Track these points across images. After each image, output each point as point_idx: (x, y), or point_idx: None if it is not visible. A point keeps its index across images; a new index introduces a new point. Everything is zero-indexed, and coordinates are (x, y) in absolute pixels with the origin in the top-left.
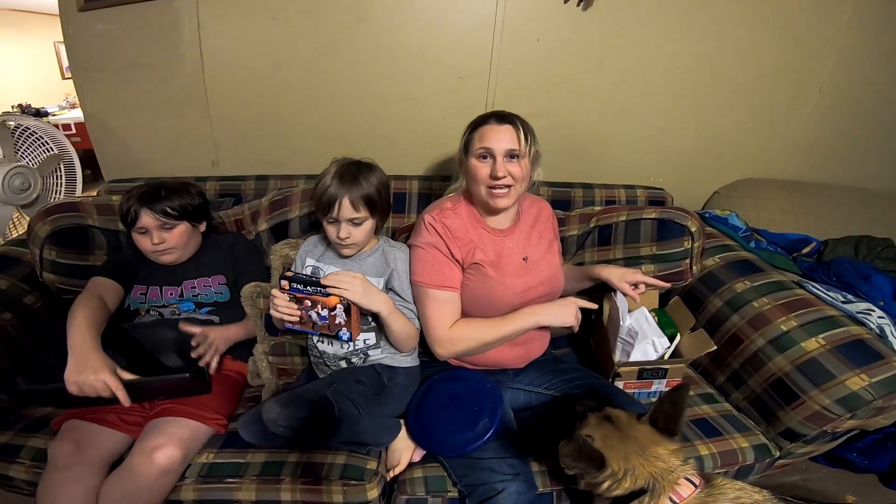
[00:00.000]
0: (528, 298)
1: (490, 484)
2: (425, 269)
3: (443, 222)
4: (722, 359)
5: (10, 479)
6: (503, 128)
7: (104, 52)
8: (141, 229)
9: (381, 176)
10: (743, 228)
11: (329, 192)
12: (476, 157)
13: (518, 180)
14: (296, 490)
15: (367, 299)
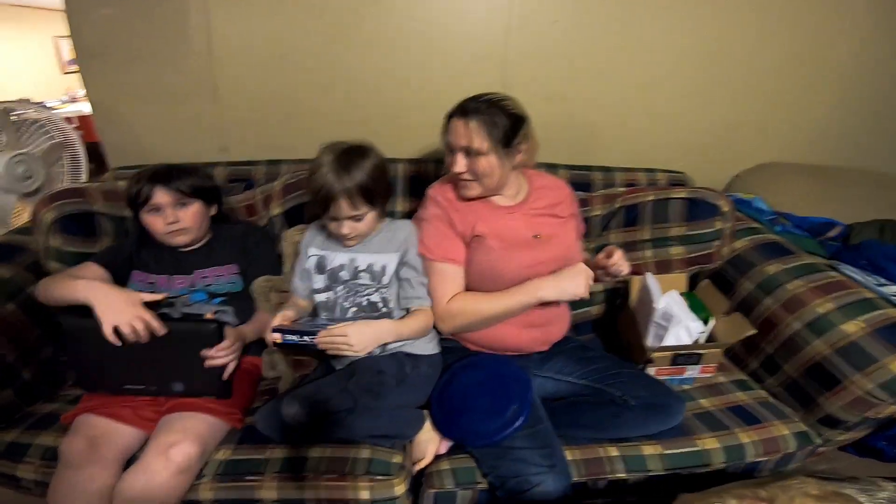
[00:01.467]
0: (535, 273)
1: (523, 476)
2: (430, 241)
3: (444, 195)
4: (755, 344)
5: (18, 480)
6: (460, 123)
7: (110, 37)
8: (154, 207)
9: (375, 160)
10: (768, 212)
11: (323, 191)
12: (446, 149)
13: (481, 175)
14: (320, 487)
15: (369, 346)
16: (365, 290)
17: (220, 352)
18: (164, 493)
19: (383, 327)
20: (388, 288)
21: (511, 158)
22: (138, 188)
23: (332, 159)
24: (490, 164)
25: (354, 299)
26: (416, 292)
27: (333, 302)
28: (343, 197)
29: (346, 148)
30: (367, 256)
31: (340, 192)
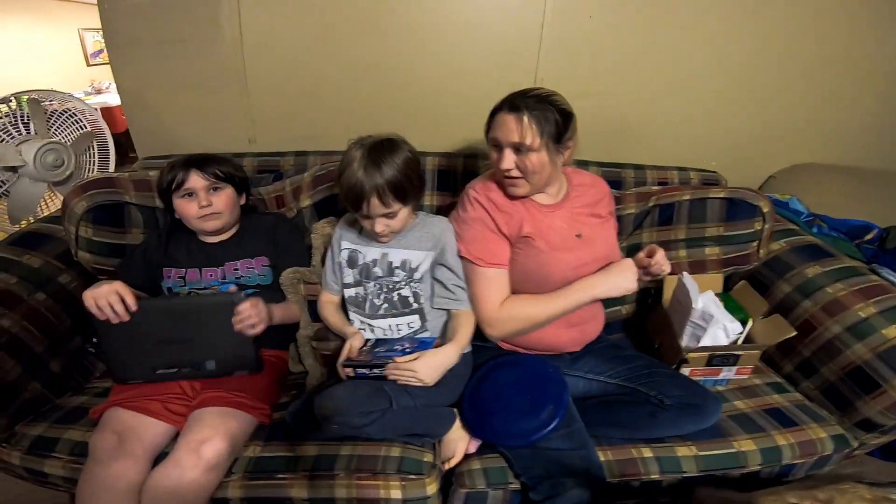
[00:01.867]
0: (581, 274)
1: (558, 478)
2: (473, 246)
3: (487, 195)
4: (791, 346)
5: (45, 476)
6: (510, 118)
7: (141, 26)
8: (188, 191)
9: (407, 155)
10: (805, 213)
11: (355, 189)
12: (491, 145)
13: (529, 173)
14: (351, 486)
15: (437, 376)
16: (397, 285)
17: (245, 313)
18: (193, 490)
19: (448, 354)
20: (420, 283)
21: (560, 155)
22: (173, 174)
23: (362, 155)
24: (541, 162)
25: (386, 295)
26: (451, 294)
27: (363, 297)
28: (374, 195)
29: (376, 143)
30: (401, 252)
31: (371, 189)
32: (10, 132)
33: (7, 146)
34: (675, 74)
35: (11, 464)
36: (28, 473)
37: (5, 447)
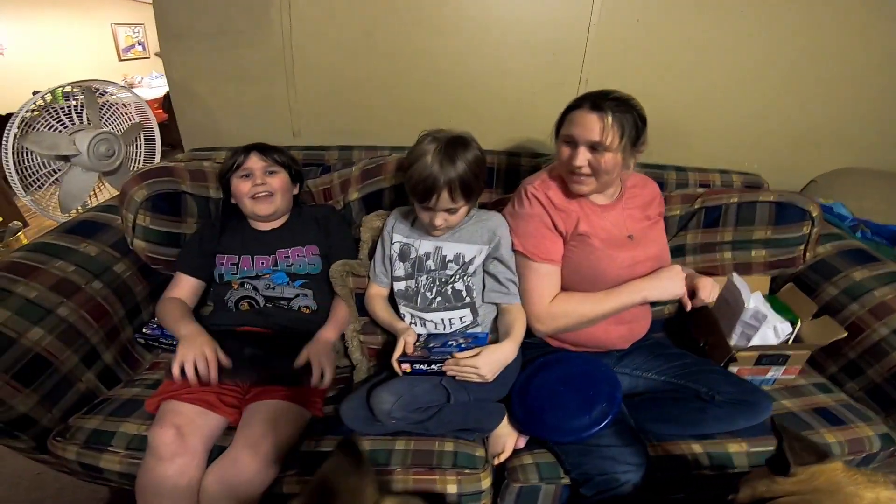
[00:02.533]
0: (635, 273)
1: (611, 474)
2: (528, 241)
3: (545, 193)
4: (836, 348)
5: (100, 471)
6: (592, 117)
7: (193, 17)
8: (246, 172)
9: (477, 153)
10: (849, 218)
11: (428, 182)
12: (563, 141)
13: (600, 172)
14: (408, 480)
15: (497, 371)
16: (450, 279)
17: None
18: (252, 485)
19: (507, 350)
20: (473, 277)
21: (633, 159)
22: (235, 157)
23: (438, 149)
24: (615, 162)
25: (439, 289)
26: (504, 289)
27: (415, 291)
28: (446, 189)
29: (451, 138)
30: (455, 245)
31: (444, 184)
32: (63, 121)
33: (61, 135)
34: (719, 78)
35: (66, 459)
36: (82, 469)
37: (60, 441)
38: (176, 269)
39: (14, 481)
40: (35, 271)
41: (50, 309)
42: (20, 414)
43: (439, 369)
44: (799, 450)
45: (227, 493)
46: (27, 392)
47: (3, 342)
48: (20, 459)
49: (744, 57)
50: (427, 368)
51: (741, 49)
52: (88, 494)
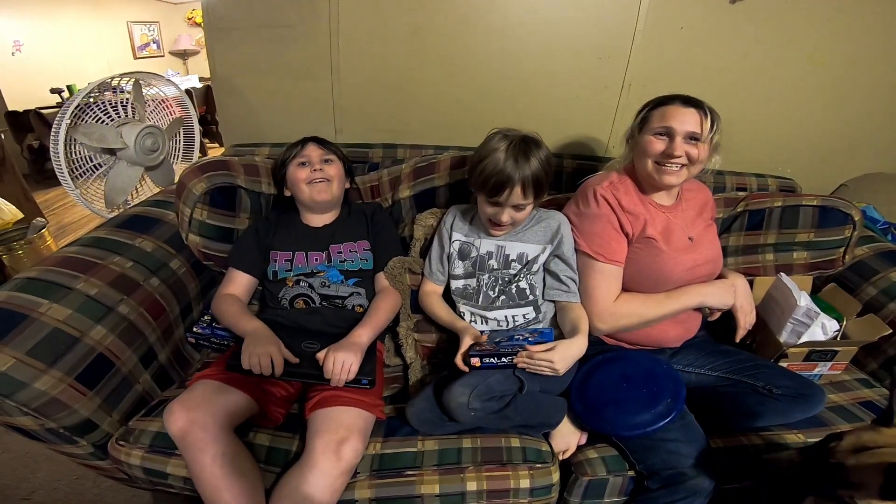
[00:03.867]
0: (696, 276)
1: (677, 468)
2: (594, 241)
3: (614, 195)
4: (876, 346)
5: (165, 477)
6: (689, 110)
7: (240, 10)
8: (304, 160)
9: (548, 153)
10: (881, 221)
11: (501, 176)
12: (652, 134)
13: (693, 162)
14: (481, 478)
15: (570, 365)
16: (514, 278)
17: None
18: (331, 491)
19: (580, 345)
20: (535, 276)
21: (713, 156)
22: (292, 149)
23: (510, 146)
24: (703, 153)
25: (502, 287)
26: (565, 287)
27: (476, 289)
28: (519, 185)
29: (523, 136)
30: (518, 245)
31: (518, 179)
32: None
33: (109, 128)
34: (759, 85)
35: (129, 464)
36: (145, 474)
37: (124, 445)
38: (229, 265)
39: (52, 486)
40: (94, 267)
41: (111, 306)
42: (83, 419)
43: (510, 362)
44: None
45: (307, 498)
46: (90, 395)
47: (67, 341)
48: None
49: (783, 65)
50: (497, 362)
51: (781, 57)
52: (129, 498)
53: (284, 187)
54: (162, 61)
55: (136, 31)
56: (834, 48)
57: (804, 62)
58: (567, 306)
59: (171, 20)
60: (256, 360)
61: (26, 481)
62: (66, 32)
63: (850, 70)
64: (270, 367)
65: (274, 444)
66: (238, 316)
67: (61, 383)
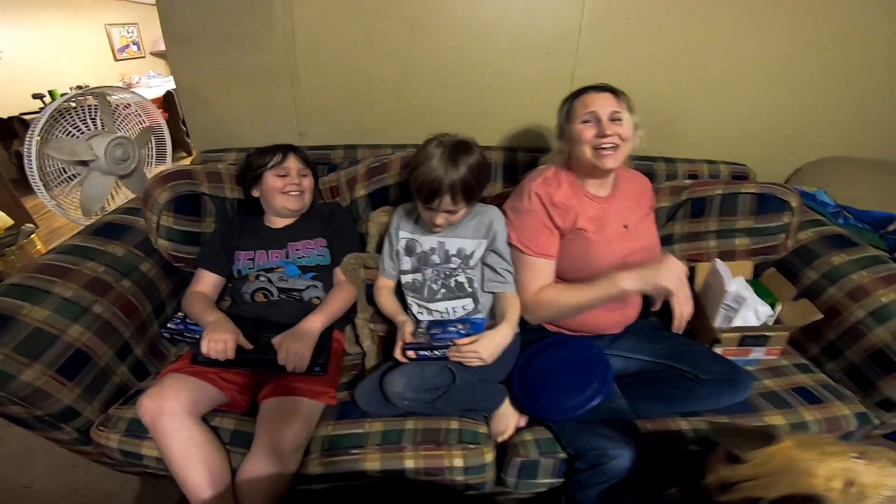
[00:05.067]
0: (629, 263)
1: (601, 449)
2: (524, 235)
3: (546, 189)
4: (816, 330)
5: (141, 458)
6: (604, 94)
7: (197, 22)
8: (284, 171)
9: (479, 158)
10: (832, 205)
11: (433, 185)
12: (580, 122)
13: (624, 140)
14: (419, 457)
15: (497, 354)
16: (454, 272)
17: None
18: (279, 471)
19: (505, 334)
20: (474, 270)
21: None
22: (271, 155)
23: (442, 153)
24: (629, 130)
25: (444, 281)
26: (501, 278)
27: (421, 284)
28: (448, 193)
29: (455, 143)
30: (457, 241)
31: (447, 187)
32: (79, 126)
33: (79, 141)
34: (707, 72)
35: (108, 447)
36: (123, 456)
37: (104, 430)
38: (197, 266)
39: (50, 475)
40: (69, 272)
41: (86, 307)
42: (65, 406)
43: (442, 355)
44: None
45: (261, 483)
46: (71, 385)
47: (47, 339)
48: (55, 454)
49: (731, 51)
50: (431, 354)
51: (728, 44)
52: (121, 484)
53: (253, 189)
54: (143, 62)
55: (116, 34)
56: (780, 34)
57: (751, 48)
58: (501, 296)
59: (149, 21)
60: (213, 346)
61: (26, 472)
62: (45, 38)
63: (797, 55)
64: (226, 352)
65: (238, 427)
66: (203, 311)
67: (44, 375)
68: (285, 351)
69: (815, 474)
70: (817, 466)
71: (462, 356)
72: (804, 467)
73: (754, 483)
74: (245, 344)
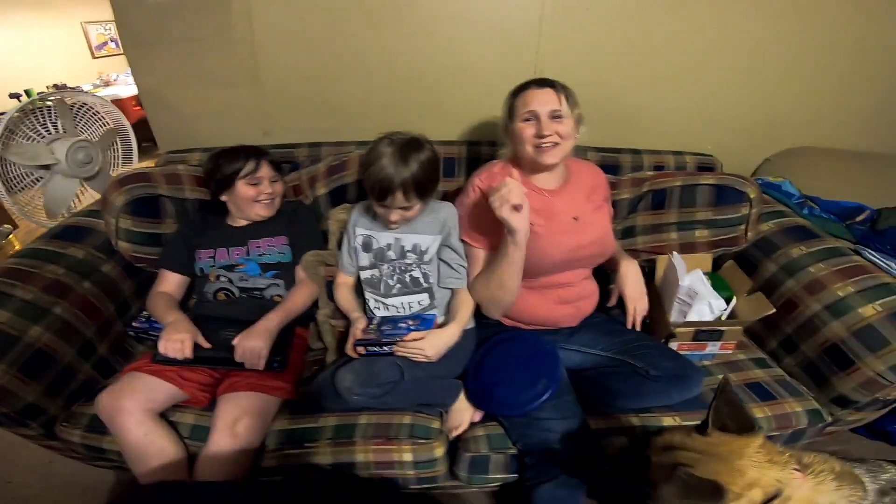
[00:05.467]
0: (578, 256)
1: (549, 446)
2: (471, 230)
3: (489, 184)
4: (774, 324)
5: (103, 451)
6: (544, 91)
7: (155, 25)
8: (256, 179)
9: (430, 155)
10: (796, 195)
11: (384, 183)
12: (521, 121)
13: (564, 138)
14: (368, 451)
15: (442, 352)
16: (409, 267)
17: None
18: (233, 464)
19: (450, 333)
20: (429, 265)
21: (577, 130)
22: (242, 163)
23: (393, 152)
24: (570, 128)
25: (399, 276)
26: (455, 273)
27: (378, 279)
28: (399, 190)
29: (406, 141)
30: (412, 237)
31: (398, 185)
32: (40, 131)
33: (39, 145)
34: (673, 61)
35: (72, 442)
36: (86, 450)
37: (66, 426)
38: (159, 267)
39: (29, 471)
40: (30, 275)
41: (46, 308)
42: (28, 403)
43: (390, 350)
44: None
45: (216, 472)
46: (32, 384)
47: (7, 340)
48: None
49: (695, 41)
50: (379, 350)
51: (692, 33)
52: (98, 478)
53: (222, 195)
54: (122, 60)
55: (92, 31)
56: (745, 25)
57: (714, 37)
58: (456, 293)
59: None
60: (170, 345)
61: (6, 468)
62: (20, 37)
63: (762, 46)
64: (183, 351)
65: (198, 422)
66: (164, 310)
67: (6, 375)
68: (242, 348)
69: (743, 475)
70: (752, 470)
71: (408, 352)
72: (740, 465)
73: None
74: (203, 343)
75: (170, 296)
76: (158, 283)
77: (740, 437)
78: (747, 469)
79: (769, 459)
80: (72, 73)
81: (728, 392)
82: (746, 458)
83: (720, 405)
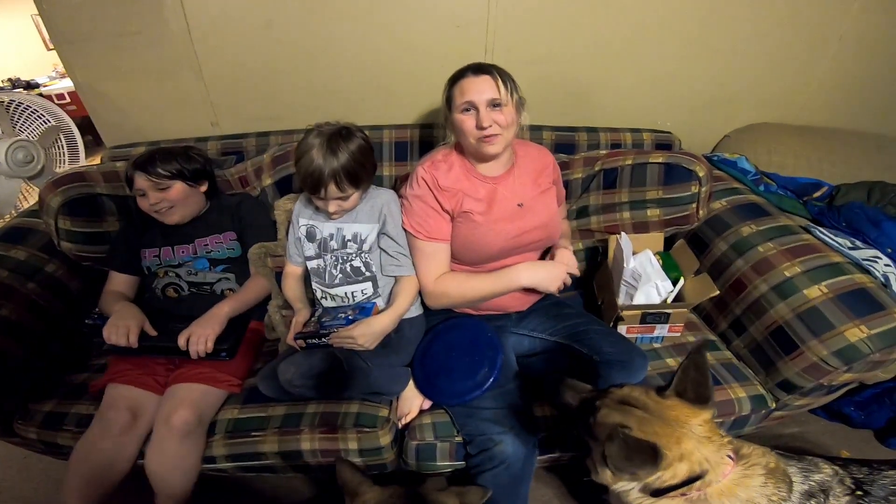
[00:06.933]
0: (522, 242)
1: (488, 434)
2: (413, 220)
3: (433, 174)
4: (725, 304)
5: (60, 447)
6: (481, 79)
7: (85, 22)
8: (139, 191)
9: (361, 143)
10: (752, 172)
11: (314, 175)
12: (460, 112)
13: (504, 127)
14: (314, 439)
15: (376, 340)
16: (350, 257)
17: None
18: (178, 456)
19: (383, 321)
20: (369, 254)
21: (520, 115)
22: (126, 175)
23: (321, 143)
24: (510, 116)
25: (341, 266)
26: (395, 261)
27: (323, 269)
28: (332, 182)
29: (333, 132)
30: (353, 226)
31: (329, 176)
32: None
33: None
34: (627, 37)
35: (29, 438)
36: (44, 446)
37: (22, 424)
38: (105, 267)
39: (5, 465)
40: None
41: None
42: None
43: (327, 342)
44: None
45: (164, 466)
46: None
47: None
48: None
49: (649, 16)
50: (318, 342)
51: (646, 8)
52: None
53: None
54: None
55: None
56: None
57: (669, 12)
58: (398, 280)
59: None
60: (114, 332)
61: None
62: None
63: (715, 19)
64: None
65: None
66: (110, 304)
67: None
68: (186, 335)
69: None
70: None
71: (342, 341)
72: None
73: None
74: (150, 330)
75: (121, 294)
76: (108, 283)
77: (692, 407)
78: (684, 439)
79: (708, 437)
80: (27, 66)
81: (701, 357)
82: (688, 429)
83: (689, 368)
